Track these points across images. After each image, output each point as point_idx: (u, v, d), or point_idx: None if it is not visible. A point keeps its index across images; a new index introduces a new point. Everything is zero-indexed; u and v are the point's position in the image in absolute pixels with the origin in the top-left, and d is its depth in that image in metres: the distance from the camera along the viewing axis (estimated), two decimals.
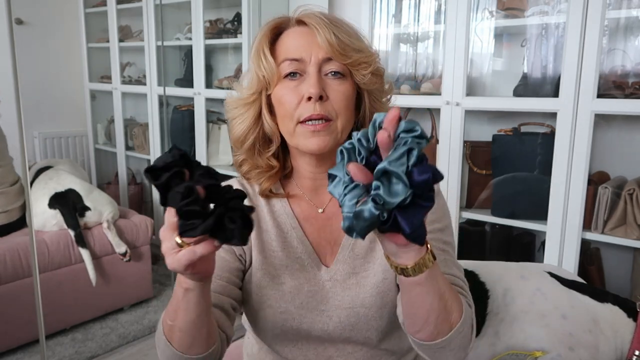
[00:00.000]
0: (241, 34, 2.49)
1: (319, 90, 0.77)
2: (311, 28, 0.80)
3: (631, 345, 1.16)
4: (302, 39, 0.80)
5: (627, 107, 1.60)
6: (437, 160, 2.00)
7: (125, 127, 3.28)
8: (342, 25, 0.81)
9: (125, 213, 2.59)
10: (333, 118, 0.79)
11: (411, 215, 0.50)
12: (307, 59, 0.79)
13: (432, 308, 0.68)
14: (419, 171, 0.49)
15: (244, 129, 0.85)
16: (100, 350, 2.13)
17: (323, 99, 0.78)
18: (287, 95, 0.79)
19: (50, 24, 3.20)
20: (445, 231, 0.87)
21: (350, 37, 0.81)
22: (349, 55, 0.79)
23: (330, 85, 0.79)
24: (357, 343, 0.87)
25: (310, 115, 0.77)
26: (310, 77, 0.78)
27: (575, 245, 1.70)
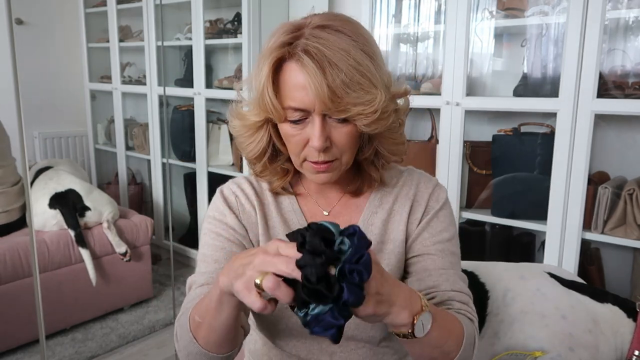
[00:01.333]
0: (241, 34, 2.49)
1: (323, 143, 0.76)
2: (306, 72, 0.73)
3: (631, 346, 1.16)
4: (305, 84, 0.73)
5: (627, 107, 1.60)
6: (437, 160, 2.01)
7: (125, 127, 3.28)
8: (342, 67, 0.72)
9: (125, 213, 2.59)
10: (338, 157, 0.80)
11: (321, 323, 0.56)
12: (311, 108, 0.75)
13: (431, 356, 0.73)
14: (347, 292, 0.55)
15: (258, 151, 0.86)
16: (100, 350, 2.13)
17: (328, 148, 0.78)
18: (293, 137, 0.79)
19: (50, 24, 3.20)
20: (452, 241, 0.89)
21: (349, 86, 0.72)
22: (346, 109, 0.74)
23: (334, 128, 0.77)
24: (360, 340, 0.88)
25: (315, 161, 0.79)
26: (315, 127, 0.76)
27: (575, 245, 1.70)
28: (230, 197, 0.91)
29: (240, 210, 0.90)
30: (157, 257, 3.03)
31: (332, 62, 0.72)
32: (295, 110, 0.76)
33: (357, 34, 0.76)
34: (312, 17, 0.78)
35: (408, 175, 0.93)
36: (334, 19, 0.77)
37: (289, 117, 0.77)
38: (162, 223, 3.08)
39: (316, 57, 0.72)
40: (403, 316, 0.66)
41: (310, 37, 0.74)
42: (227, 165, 2.81)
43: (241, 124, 0.85)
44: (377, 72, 0.76)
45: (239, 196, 0.91)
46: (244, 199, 0.91)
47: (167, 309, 2.48)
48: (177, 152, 2.99)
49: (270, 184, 0.91)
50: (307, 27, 0.76)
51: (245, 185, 0.93)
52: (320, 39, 0.73)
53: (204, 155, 2.76)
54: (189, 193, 3.05)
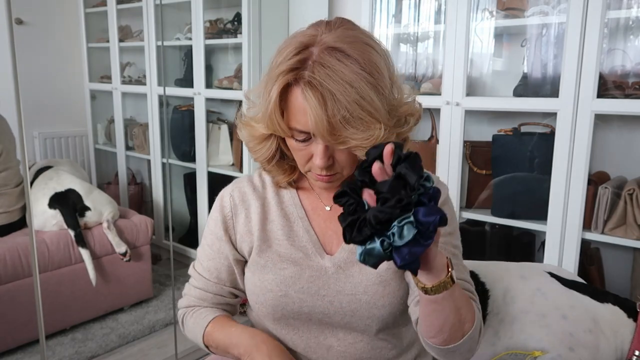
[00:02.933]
0: (241, 34, 2.49)
1: (325, 164, 0.80)
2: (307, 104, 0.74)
3: (631, 345, 1.16)
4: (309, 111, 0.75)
5: (627, 107, 1.60)
6: (437, 160, 2.01)
7: (125, 127, 3.27)
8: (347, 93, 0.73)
9: (125, 213, 2.59)
10: (340, 171, 0.83)
11: (406, 251, 0.57)
12: (315, 133, 0.77)
13: (447, 321, 0.74)
14: (426, 212, 0.56)
15: (268, 156, 0.89)
16: (100, 350, 2.13)
17: (330, 165, 0.81)
18: (299, 152, 0.83)
19: (50, 24, 3.20)
20: (454, 234, 0.92)
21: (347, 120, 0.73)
22: (344, 141, 0.75)
23: (337, 151, 0.80)
24: (357, 332, 0.89)
25: (318, 176, 0.83)
26: (318, 149, 0.79)
27: (575, 245, 1.70)
28: (227, 203, 0.96)
29: (233, 212, 0.95)
30: (157, 257, 3.03)
31: (335, 96, 0.73)
32: (300, 132, 0.78)
33: (367, 61, 0.75)
34: (323, 33, 0.77)
35: None
36: (345, 40, 0.76)
37: (294, 137, 0.80)
38: (162, 223, 3.08)
39: (319, 88, 0.73)
40: (443, 257, 0.69)
41: (317, 65, 0.74)
42: (227, 165, 2.81)
43: (249, 133, 0.87)
44: (381, 102, 0.76)
45: (236, 200, 0.95)
46: (240, 202, 0.95)
47: (167, 309, 2.48)
48: (177, 152, 2.99)
49: (275, 178, 0.95)
50: (317, 46, 0.75)
51: (245, 185, 0.97)
52: (326, 68, 0.73)
53: (204, 155, 2.76)
54: (189, 193, 3.05)
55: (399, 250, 0.56)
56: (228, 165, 2.81)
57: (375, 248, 0.57)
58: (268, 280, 0.90)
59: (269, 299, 0.89)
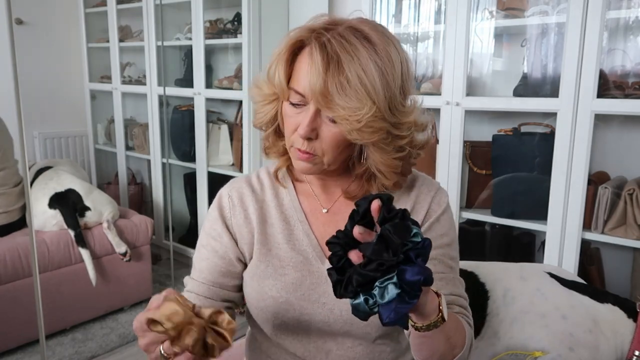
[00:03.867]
0: (241, 34, 2.49)
1: (307, 133, 0.79)
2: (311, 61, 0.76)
3: (631, 346, 1.16)
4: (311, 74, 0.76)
5: (627, 107, 1.60)
6: (437, 160, 2.01)
7: (125, 127, 3.28)
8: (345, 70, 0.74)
9: (125, 213, 2.59)
10: (319, 154, 0.81)
11: (391, 309, 0.58)
12: (309, 96, 0.77)
13: (437, 350, 0.75)
14: (411, 272, 0.56)
15: (266, 120, 0.89)
16: (100, 350, 2.13)
17: (312, 140, 0.80)
18: (288, 119, 0.82)
19: (50, 24, 3.20)
20: (452, 245, 0.90)
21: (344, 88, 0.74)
22: (333, 109, 0.75)
23: (324, 124, 0.79)
24: (356, 337, 0.89)
25: (297, 148, 0.81)
26: (307, 115, 0.78)
27: (575, 245, 1.70)
28: (225, 203, 0.93)
29: (231, 213, 0.92)
30: (157, 257, 3.03)
31: (340, 62, 0.75)
32: (297, 93, 0.79)
33: (384, 51, 0.77)
34: (354, 17, 0.82)
35: (411, 179, 0.93)
36: (372, 28, 0.79)
37: (290, 98, 0.80)
38: (162, 223, 3.08)
39: (328, 51, 0.75)
40: (435, 300, 0.69)
41: (337, 35, 0.76)
42: (227, 165, 2.81)
43: (257, 92, 0.88)
44: (383, 88, 0.76)
45: (234, 200, 0.93)
46: (238, 203, 0.93)
47: None
48: (177, 152, 2.99)
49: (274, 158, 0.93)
50: (343, 25, 0.79)
51: (243, 186, 0.94)
52: (344, 39, 0.76)
53: (204, 155, 2.76)
54: (189, 193, 3.05)
55: (383, 308, 0.58)
56: (228, 165, 2.81)
57: (360, 304, 0.58)
58: (268, 286, 0.88)
59: (270, 305, 0.87)
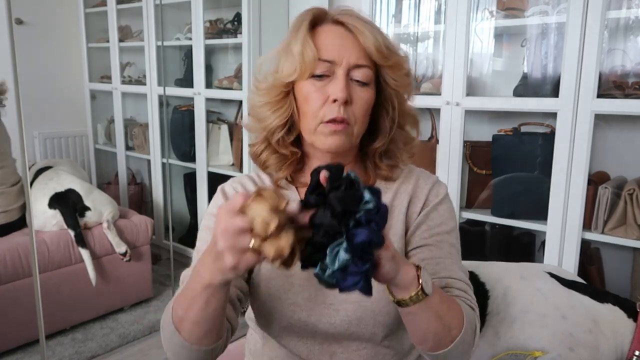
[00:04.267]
0: (241, 34, 2.49)
1: (346, 95, 0.79)
2: (353, 31, 0.81)
3: (631, 346, 1.16)
4: (337, 40, 0.82)
5: (627, 107, 1.60)
6: (437, 160, 2.01)
7: (125, 127, 3.27)
8: (378, 29, 0.83)
9: (125, 213, 2.59)
10: (352, 123, 0.82)
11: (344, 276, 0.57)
12: (339, 62, 0.80)
13: (429, 330, 0.73)
14: (359, 235, 0.56)
15: (281, 121, 0.85)
16: (100, 350, 2.13)
17: (347, 103, 0.81)
18: (314, 94, 0.81)
19: (50, 24, 3.20)
20: (452, 234, 0.90)
21: (388, 40, 0.84)
22: (391, 57, 0.82)
23: (354, 89, 0.81)
24: (362, 340, 0.88)
25: (335, 117, 0.80)
26: (339, 80, 0.80)
27: (575, 245, 1.70)
28: (231, 193, 0.92)
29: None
30: (157, 257, 3.03)
31: (372, 25, 0.83)
32: (324, 62, 0.80)
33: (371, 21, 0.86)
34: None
35: (408, 173, 0.94)
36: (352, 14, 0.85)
37: (315, 71, 0.81)
38: (162, 223, 3.08)
39: (354, 19, 0.82)
40: (410, 271, 0.68)
41: (343, 13, 0.84)
42: (227, 165, 2.81)
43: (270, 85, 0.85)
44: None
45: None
46: None
47: None
48: (177, 152, 2.99)
49: (274, 175, 0.91)
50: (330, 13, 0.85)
51: (247, 182, 0.94)
52: (350, 15, 0.83)
53: (204, 155, 2.76)
54: (189, 193, 3.05)
55: (339, 275, 0.57)
56: (228, 165, 2.81)
57: (319, 273, 0.58)
58: (275, 287, 0.87)
59: (277, 306, 0.87)
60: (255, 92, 0.88)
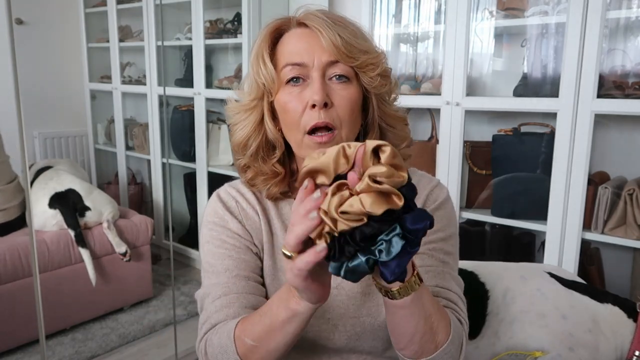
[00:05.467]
0: (241, 34, 2.49)
1: (322, 97, 0.74)
2: (314, 30, 0.76)
3: (631, 346, 1.16)
4: (304, 41, 0.77)
5: (627, 107, 1.60)
6: (437, 160, 2.00)
7: (125, 127, 3.28)
8: (346, 25, 0.77)
9: (125, 213, 2.59)
10: (337, 127, 0.76)
11: (395, 264, 0.52)
12: (310, 63, 0.75)
13: (417, 330, 0.68)
14: (414, 219, 0.52)
15: (244, 135, 0.82)
16: (100, 350, 2.13)
17: (328, 106, 0.75)
18: (291, 102, 0.76)
19: (50, 24, 3.20)
20: (448, 241, 0.86)
21: (356, 37, 0.77)
22: (356, 57, 0.75)
23: (334, 90, 0.76)
24: (362, 352, 0.86)
25: (315, 123, 0.75)
26: (314, 82, 0.75)
27: (575, 245, 1.70)
28: (230, 201, 0.87)
29: (243, 215, 0.86)
30: (157, 257, 3.03)
31: (336, 21, 0.77)
32: (294, 65, 0.76)
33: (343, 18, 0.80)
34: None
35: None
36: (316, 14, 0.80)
37: (286, 77, 0.77)
38: (162, 223, 3.08)
39: (322, 18, 0.77)
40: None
41: (306, 14, 0.79)
42: (227, 165, 2.81)
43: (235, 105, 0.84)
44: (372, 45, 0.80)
45: (240, 201, 0.87)
46: (245, 204, 0.87)
47: (167, 309, 2.48)
48: (177, 152, 2.99)
49: (268, 191, 0.85)
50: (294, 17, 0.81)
51: (244, 189, 0.89)
52: (319, 11, 0.79)
53: (204, 155, 2.76)
54: (189, 193, 3.05)
55: (386, 265, 0.52)
56: (228, 165, 2.80)
57: (360, 265, 0.52)
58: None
59: None
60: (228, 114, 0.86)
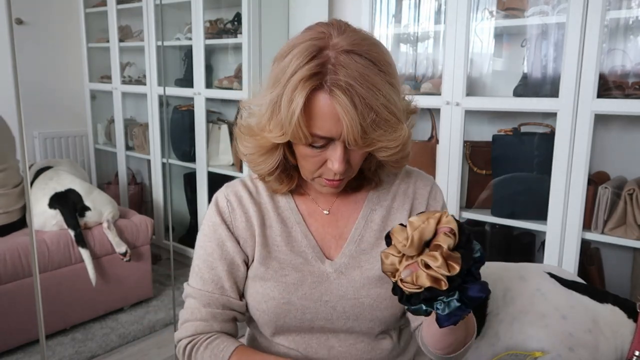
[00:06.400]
0: (241, 34, 2.49)
1: (344, 168, 0.79)
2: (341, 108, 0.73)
3: (631, 346, 1.16)
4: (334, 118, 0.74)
5: (627, 107, 1.60)
6: (437, 160, 2.01)
7: (125, 127, 3.28)
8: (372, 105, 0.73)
9: (125, 213, 2.59)
10: (350, 175, 0.84)
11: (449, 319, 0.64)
12: (337, 136, 0.76)
13: (457, 340, 0.81)
14: (475, 290, 0.62)
15: (271, 169, 0.87)
16: (100, 350, 2.13)
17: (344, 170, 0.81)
18: (312, 158, 0.80)
19: (50, 24, 3.21)
20: None
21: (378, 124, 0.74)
22: (373, 144, 0.77)
23: (352, 152, 0.80)
24: (359, 334, 0.89)
25: (331, 181, 0.83)
26: (337, 152, 0.78)
27: (575, 245, 1.70)
28: (222, 203, 0.92)
29: (232, 217, 0.91)
30: (157, 257, 3.03)
31: (363, 100, 0.72)
32: (321, 138, 0.77)
33: (384, 62, 0.75)
34: (333, 37, 0.75)
35: (405, 174, 0.95)
36: (358, 42, 0.74)
37: (313, 143, 0.78)
38: (162, 223, 3.08)
39: (348, 93, 0.72)
40: None
41: (340, 67, 0.72)
42: (227, 165, 2.81)
43: (257, 144, 0.83)
44: (400, 102, 0.78)
45: (233, 203, 0.92)
46: (237, 204, 0.92)
47: (167, 309, 2.48)
48: (177, 152, 2.99)
49: (273, 187, 0.92)
50: (331, 49, 0.74)
51: (240, 189, 0.94)
52: (349, 69, 0.72)
53: (204, 155, 2.76)
54: (189, 193, 3.05)
55: (442, 317, 0.63)
56: (228, 165, 2.81)
57: (420, 311, 0.64)
58: (270, 288, 0.88)
59: (272, 306, 0.87)
60: (239, 137, 0.86)
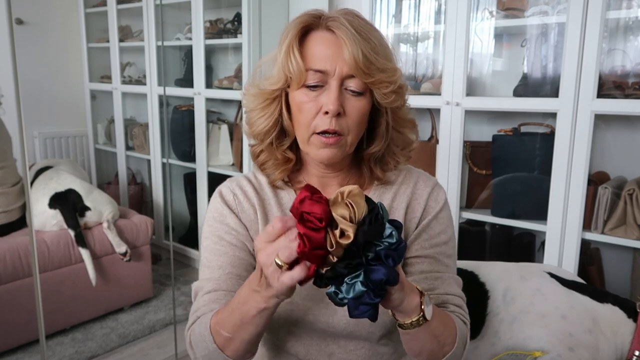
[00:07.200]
0: (241, 34, 2.49)
1: (337, 108, 0.78)
2: (339, 38, 0.78)
3: (631, 346, 1.16)
4: (329, 49, 0.79)
5: (627, 107, 1.60)
6: (437, 160, 2.01)
7: (125, 127, 3.28)
8: (369, 38, 0.79)
9: (125, 213, 2.59)
10: (345, 134, 0.81)
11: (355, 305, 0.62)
12: (331, 71, 0.78)
13: (424, 348, 0.77)
14: (376, 272, 0.60)
15: (267, 126, 0.86)
16: (100, 350, 2.13)
17: (340, 115, 0.80)
18: (307, 104, 0.80)
19: (50, 24, 3.20)
20: (449, 243, 0.91)
21: (377, 52, 0.79)
22: (372, 74, 0.78)
23: (348, 100, 0.80)
24: (359, 339, 0.88)
25: (326, 128, 0.80)
26: (332, 91, 0.78)
27: (575, 245, 1.70)
28: (228, 196, 0.91)
29: (239, 209, 0.90)
30: (157, 257, 3.03)
31: (362, 32, 0.78)
32: (316, 72, 0.78)
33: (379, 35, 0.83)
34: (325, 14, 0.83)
35: (407, 173, 0.94)
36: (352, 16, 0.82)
37: (307, 81, 0.79)
38: (162, 223, 3.08)
39: (347, 23, 0.78)
40: (415, 299, 0.71)
41: (337, 15, 0.80)
42: (227, 165, 2.81)
43: (257, 92, 0.86)
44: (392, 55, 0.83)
45: (238, 194, 0.91)
46: (243, 197, 0.91)
47: (167, 309, 2.48)
48: (177, 152, 2.99)
49: (271, 176, 0.92)
50: (338, 13, 0.81)
51: (243, 182, 0.93)
52: (348, 16, 0.80)
53: (204, 155, 2.76)
54: (189, 193, 3.05)
55: (351, 302, 0.62)
56: (228, 165, 2.81)
57: (331, 295, 0.63)
58: None
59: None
60: (244, 97, 0.89)
